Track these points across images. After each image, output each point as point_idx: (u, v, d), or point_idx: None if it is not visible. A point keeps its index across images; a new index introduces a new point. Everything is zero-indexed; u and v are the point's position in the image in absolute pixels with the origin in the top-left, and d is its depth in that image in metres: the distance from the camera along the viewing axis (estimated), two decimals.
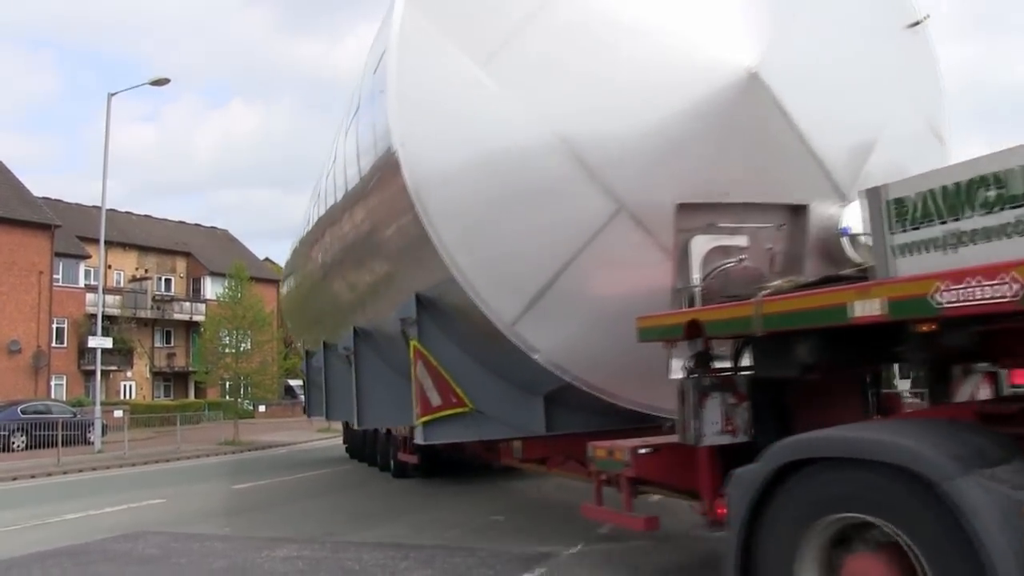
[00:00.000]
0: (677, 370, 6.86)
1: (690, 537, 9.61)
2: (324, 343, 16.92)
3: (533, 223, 7.50)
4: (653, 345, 6.83)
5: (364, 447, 20.20)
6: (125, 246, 55.53)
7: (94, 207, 47.14)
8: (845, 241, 7.64)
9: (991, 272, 3.99)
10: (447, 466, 15.74)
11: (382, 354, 12.51)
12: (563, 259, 7.51)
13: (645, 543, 9.45)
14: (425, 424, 8.86)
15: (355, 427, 12.82)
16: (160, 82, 31.01)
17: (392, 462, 16.88)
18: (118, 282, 55.17)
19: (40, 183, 79.89)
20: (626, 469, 6.96)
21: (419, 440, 9.31)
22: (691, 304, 7.21)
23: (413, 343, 9.01)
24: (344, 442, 23.76)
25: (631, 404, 8.00)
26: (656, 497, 8.01)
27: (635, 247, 7.51)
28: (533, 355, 7.71)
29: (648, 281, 7.52)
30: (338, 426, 24.48)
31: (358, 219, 11.07)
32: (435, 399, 8.87)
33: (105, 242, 32.11)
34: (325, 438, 33.76)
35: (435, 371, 8.91)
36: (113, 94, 30.90)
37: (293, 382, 55.11)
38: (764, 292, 5.85)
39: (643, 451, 6.91)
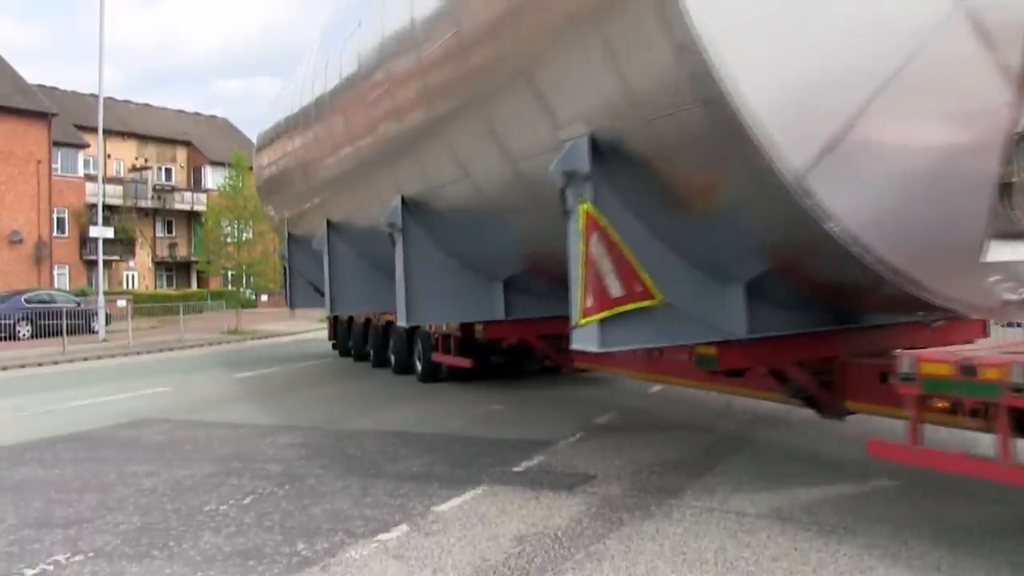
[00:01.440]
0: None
1: (693, 429, 9.78)
2: (329, 223, 14.39)
3: (828, 23, 5.11)
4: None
5: (366, 344, 18.40)
6: (124, 135, 54.96)
7: (91, 95, 46.55)
8: None
9: None
10: (498, 371, 14.48)
11: (443, 235, 10.69)
12: (871, 83, 5.11)
13: (645, 434, 9.62)
14: (602, 323, 6.56)
15: (403, 325, 10.72)
16: None
17: (419, 363, 15.12)
18: (118, 172, 54.78)
19: (35, 71, 78.49)
20: (1012, 396, 4.98)
21: (586, 346, 6.77)
22: None
23: (585, 208, 6.49)
24: (331, 337, 21.70)
25: (951, 302, 5.98)
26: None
27: (968, 66, 5.31)
28: (827, 224, 5.32)
29: (981, 120, 5.43)
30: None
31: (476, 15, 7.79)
32: (615, 288, 6.55)
33: (104, 131, 31.71)
34: (326, 327, 34.06)
35: (616, 250, 6.54)
36: None
37: None
38: None
39: None
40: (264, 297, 48.01)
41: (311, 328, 32.56)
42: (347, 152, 12.67)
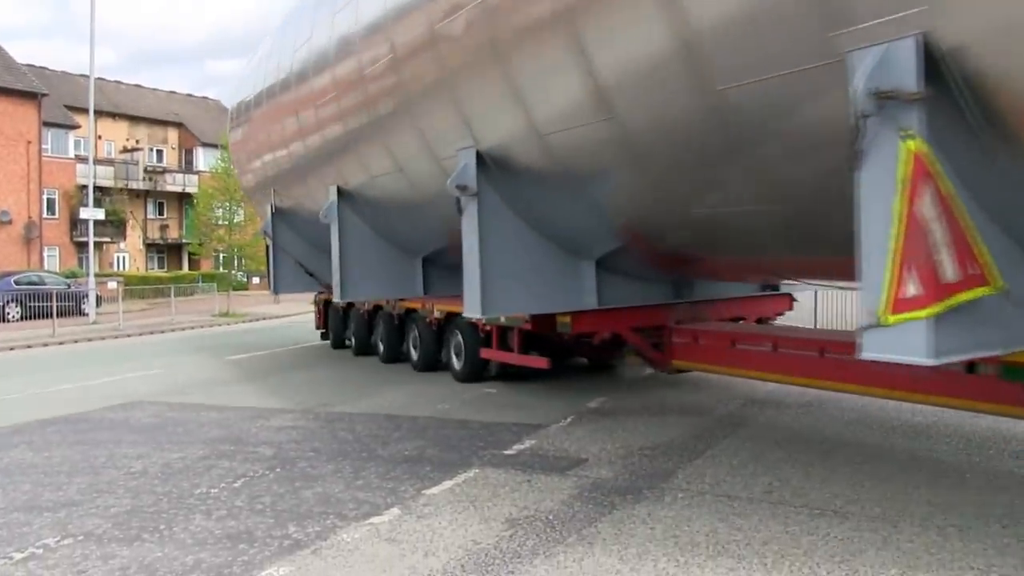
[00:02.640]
0: None
1: (685, 413, 9.80)
2: (341, 192, 12.66)
3: None
4: None
5: (371, 335, 16.20)
6: (115, 116, 54.61)
7: (81, 75, 46.31)
8: None
9: None
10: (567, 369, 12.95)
11: (524, 204, 8.71)
12: None
13: (636, 418, 9.62)
14: (938, 318, 4.36)
15: (472, 316, 8.83)
16: None
17: (456, 359, 12.86)
18: (109, 153, 54.48)
19: (28, 51, 77.91)
20: None
21: (904, 355, 4.48)
22: None
23: (912, 147, 4.26)
24: (320, 326, 19.56)
25: None
26: None
27: None
28: None
29: None
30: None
31: None
32: (950, 269, 4.42)
33: (95, 112, 31.51)
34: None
35: (951, 212, 4.41)
36: None
37: None
38: None
39: None
40: (255, 279, 48.05)
41: (303, 311, 32.49)
42: (377, 91, 10.29)
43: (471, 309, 8.76)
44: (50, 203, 47.36)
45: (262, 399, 12.01)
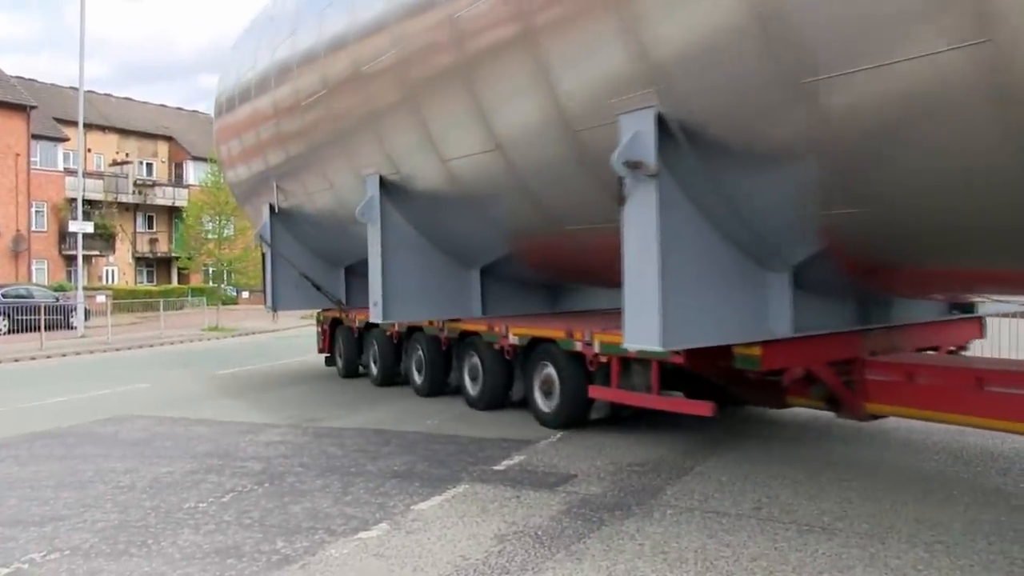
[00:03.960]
0: None
1: (674, 429, 9.79)
2: (384, 183, 10.95)
3: None
4: None
5: (398, 363, 13.67)
6: (104, 129, 54.55)
7: (71, 88, 46.24)
8: None
9: None
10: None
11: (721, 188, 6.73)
12: None
13: (625, 434, 9.62)
14: None
15: (641, 347, 7.17)
16: None
17: (540, 397, 10.30)
18: (98, 166, 54.39)
19: (20, 64, 77.81)
20: None
21: None
22: None
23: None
24: (324, 350, 16.71)
25: None
26: None
27: None
28: None
29: None
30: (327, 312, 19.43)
31: None
32: None
33: (84, 125, 31.48)
34: (308, 324, 33.90)
35: None
36: None
37: None
38: None
39: None
40: (245, 294, 47.94)
41: (294, 326, 32.40)
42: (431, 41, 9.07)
43: (641, 338, 6.85)
44: (39, 216, 47.22)
45: (250, 413, 11.97)
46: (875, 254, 6.84)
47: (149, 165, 58.45)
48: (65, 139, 47.90)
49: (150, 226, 57.97)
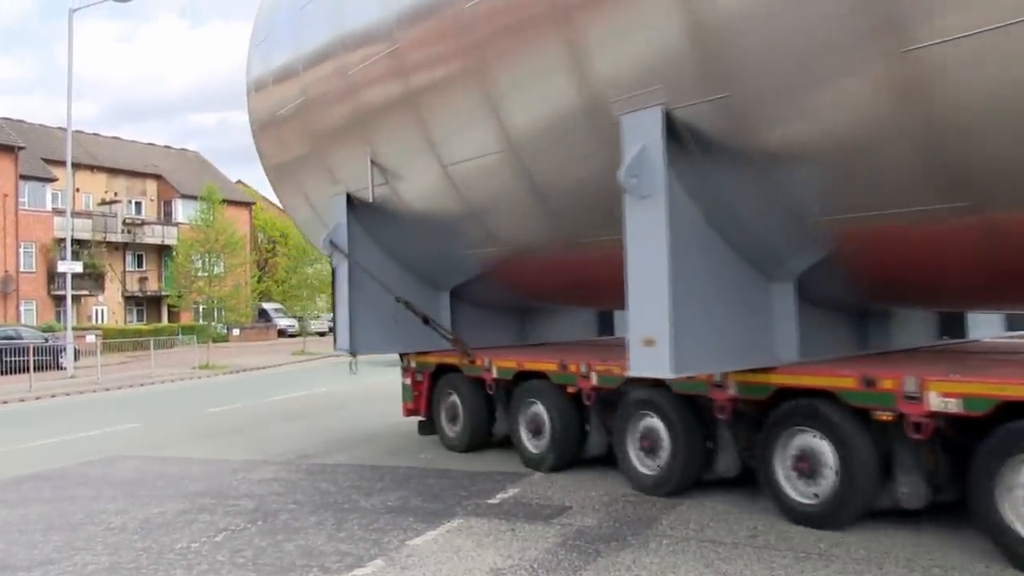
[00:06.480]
0: None
1: None
2: (670, 118, 6.38)
3: None
4: None
5: (583, 436, 9.28)
6: (93, 168, 54.47)
7: (59, 128, 46.28)
8: None
9: None
10: None
11: None
12: None
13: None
14: None
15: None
16: None
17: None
18: (87, 205, 54.25)
19: (10, 104, 78.03)
20: None
21: None
22: None
23: None
24: (421, 411, 11.75)
25: None
26: None
27: None
28: None
29: None
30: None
31: None
32: None
33: (72, 164, 31.50)
34: (299, 361, 33.85)
35: None
36: (76, 10, 30.04)
37: (267, 305, 55.13)
38: None
39: None
40: (235, 331, 47.83)
41: (285, 362, 32.31)
42: None
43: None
44: (27, 256, 47.06)
45: (243, 451, 11.88)
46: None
47: (138, 204, 58.34)
48: (53, 179, 47.85)
49: (139, 265, 57.77)
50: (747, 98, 5.89)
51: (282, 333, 54.03)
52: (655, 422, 8.16)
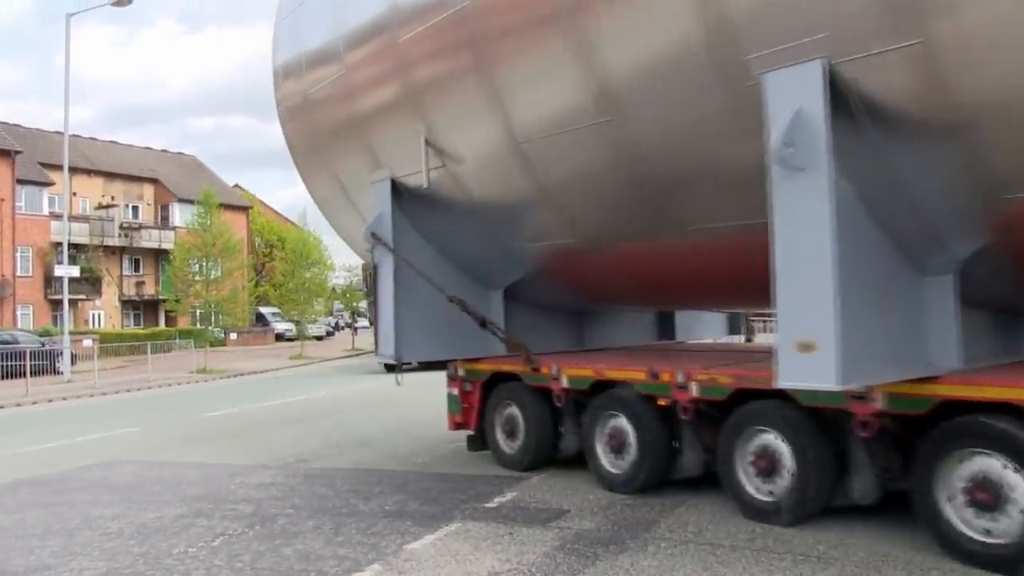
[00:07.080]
0: None
1: None
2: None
3: None
4: None
5: (674, 454, 8.20)
6: (90, 172, 54.43)
7: (56, 132, 46.23)
8: None
9: None
10: None
11: None
12: None
13: None
14: None
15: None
16: (121, 2, 30.00)
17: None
18: (84, 209, 54.19)
19: (8, 109, 77.99)
20: None
21: None
22: None
23: None
24: (469, 424, 10.51)
25: None
26: None
27: None
28: None
29: None
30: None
31: None
32: None
33: (69, 168, 31.48)
34: (297, 365, 33.84)
35: None
36: (73, 14, 30.07)
37: (264, 309, 55.12)
38: None
39: None
40: (233, 335, 47.76)
41: (282, 367, 32.27)
42: None
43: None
44: (24, 261, 46.98)
45: (240, 455, 11.86)
46: None
47: (135, 208, 58.28)
48: (50, 183, 47.80)
49: (136, 269, 57.71)
50: (949, 42, 4.81)
51: (279, 337, 54.00)
52: (774, 440, 7.09)
